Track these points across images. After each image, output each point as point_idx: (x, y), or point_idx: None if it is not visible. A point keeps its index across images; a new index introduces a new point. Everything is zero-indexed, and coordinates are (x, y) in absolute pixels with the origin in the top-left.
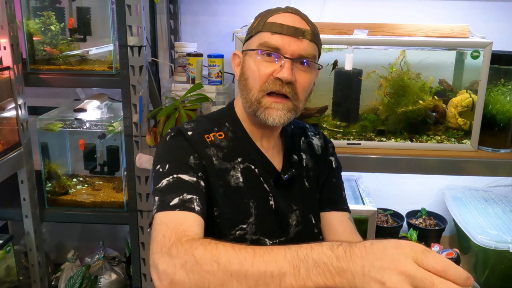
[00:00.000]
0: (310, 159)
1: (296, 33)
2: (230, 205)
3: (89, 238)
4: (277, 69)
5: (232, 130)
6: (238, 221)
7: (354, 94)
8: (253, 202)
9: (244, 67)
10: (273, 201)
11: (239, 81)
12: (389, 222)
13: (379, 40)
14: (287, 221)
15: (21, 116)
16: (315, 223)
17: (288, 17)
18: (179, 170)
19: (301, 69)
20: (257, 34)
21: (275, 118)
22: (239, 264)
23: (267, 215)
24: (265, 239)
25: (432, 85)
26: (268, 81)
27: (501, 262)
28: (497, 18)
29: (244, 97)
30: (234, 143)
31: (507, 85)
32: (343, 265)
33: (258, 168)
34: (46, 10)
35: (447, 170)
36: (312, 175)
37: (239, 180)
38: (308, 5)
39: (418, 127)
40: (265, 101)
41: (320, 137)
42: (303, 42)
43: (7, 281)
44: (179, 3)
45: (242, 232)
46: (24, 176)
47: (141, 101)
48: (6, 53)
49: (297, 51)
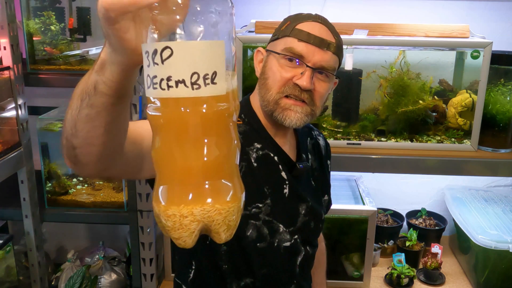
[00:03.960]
0: (314, 160)
1: (321, 44)
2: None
3: (89, 238)
4: (297, 75)
5: (247, 122)
6: (251, 201)
7: (354, 94)
8: (268, 188)
9: (266, 67)
10: (288, 189)
11: (259, 79)
12: (389, 222)
13: (379, 40)
14: (297, 210)
15: (21, 116)
16: (322, 219)
17: (316, 27)
18: None
19: (320, 78)
20: (284, 37)
21: (293, 119)
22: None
23: (280, 202)
24: (278, 223)
25: (432, 85)
26: (288, 85)
27: (501, 262)
28: (497, 18)
29: (262, 96)
30: (251, 131)
31: (507, 85)
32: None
33: (276, 156)
34: (46, 10)
35: (447, 170)
36: (317, 175)
37: (253, 166)
38: (308, 5)
39: (418, 127)
40: (284, 102)
41: (322, 138)
42: (327, 53)
43: (7, 281)
44: None
45: (257, 210)
46: (24, 176)
47: (141, 100)
48: (6, 53)
49: (320, 61)
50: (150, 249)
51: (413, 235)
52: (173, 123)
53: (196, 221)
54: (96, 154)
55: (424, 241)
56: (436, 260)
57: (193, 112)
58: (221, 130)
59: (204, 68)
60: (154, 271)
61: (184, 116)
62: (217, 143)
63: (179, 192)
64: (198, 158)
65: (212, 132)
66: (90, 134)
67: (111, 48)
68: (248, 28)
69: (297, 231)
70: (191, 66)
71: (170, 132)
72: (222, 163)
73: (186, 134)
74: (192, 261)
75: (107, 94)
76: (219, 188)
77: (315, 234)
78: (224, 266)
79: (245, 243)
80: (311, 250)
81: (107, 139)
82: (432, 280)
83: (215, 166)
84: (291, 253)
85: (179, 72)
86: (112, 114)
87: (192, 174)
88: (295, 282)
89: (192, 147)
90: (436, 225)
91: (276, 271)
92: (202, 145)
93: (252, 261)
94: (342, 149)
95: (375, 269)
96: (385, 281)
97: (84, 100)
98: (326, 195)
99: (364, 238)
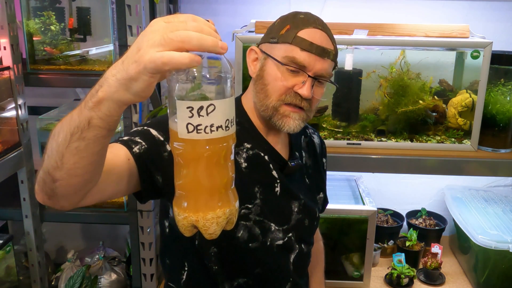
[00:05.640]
0: (309, 158)
1: (323, 54)
2: None
3: (89, 238)
4: (298, 84)
5: (238, 121)
6: (240, 202)
7: (354, 94)
8: (259, 188)
9: (265, 72)
10: (279, 187)
11: (257, 82)
12: (389, 222)
13: (379, 40)
14: (290, 208)
15: (21, 116)
16: (317, 217)
17: (317, 35)
18: (153, 126)
19: (317, 85)
20: (284, 43)
21: (291, 126)
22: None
23: (272, 201)
24: (270, 222)
25: (432, 85)
26: (288, 93)
27: (501, 262)
28: (497, 18)
29: (261, 100)
30: (241, 131)
31: (507, 85)
32: (97, 87)
33: (267, 156)
34: (46, 10)
35: (447, 170)
36: (311, 172)
37: (242, 166)
38: (308, 5)
39: (418, 127)
40: (283, 109)
41: (317, 136)
42: (326, 62)
43: (7, 281)
44: (179, 3)
45: (247, 211)
46: (24, 176)
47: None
48: (6, 53)
49: (320, 70)
50: (150, 249)
51: (413, 235)
52: (213, 154)
53: (225, 218)
54: (76, 185)
55: (424, 241)
56: (436, 260)
57: (226, 145)
58: (232, 155)
59: (230, 115)
60: (154, 271)
61: (220, 148)
62: (231, 162)
63: (215, 200)
64: (226, 174)
65: (231, 156)
66: (76, 165)
67: (121, 88)
68: (248, 28)
69: (291, 228)
70: (225, 115)
71: (210, 160)
72: (233, 177)
73: (219, 161)
74: (184, 262)
75: (101, 127)
76: (233, 196)
77: (310, 232)
78: (214, 267)
79: (236, 244)
80: (306, 248)
81: (90, 169)
82: (432, 280)
83: (232, 179)
84: (284, 251)
85: (219, 120)
86: (100, 145)
87: (228, 185)
88: (290, 280)
89: (223, 169)
90: (436, 225)
91: (270, 270)
92: (227, 166)
93: (245, 261)
94: (342, 149)
95: (375, 269)
96: (385, 281)
97: (75, 134)
98: (322, 192)
99: (364, 238)
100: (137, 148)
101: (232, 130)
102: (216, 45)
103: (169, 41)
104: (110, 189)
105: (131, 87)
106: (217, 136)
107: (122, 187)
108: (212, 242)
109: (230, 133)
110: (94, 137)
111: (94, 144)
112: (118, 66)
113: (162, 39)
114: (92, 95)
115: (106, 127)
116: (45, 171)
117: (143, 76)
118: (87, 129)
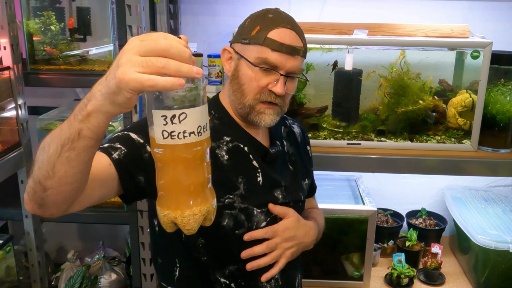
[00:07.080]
0: (290, 146)
1: (293, 52)
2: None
3: (89, 238)
4: (271, 82)
5: (217, 117)
6: (223, 194)
7: (354, 94)
8: (242, 178)
9: (240, 72)
10: (261, 176)
11: (232, 81)
12: (389, 222)
13: (379, 40)
14: (274, 195)
15: (21, 116)
16: (302, 200)
17: (287, 34)
18: (133, 130)
19: (289, 81)
20: (255, 45)
21: (267, 121)
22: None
23: (255, 190)
24: (253, 207)
25: (432, 85)
26: (263, 92)
27: (501, 262)
28: (497, 18)
29: (238, 99)
30: (221, 125)
31: (507, 85)
32: (85, 101)
33: (247, 146)
34: (46, 10)
35: (447, 170)
36: (294, 160)
37: (224, 158)
38: (308, 5)
39: (418, 127)
40: (259, 107)
41: (297, 125)
42: (297, 59)
43: (7, 281)
44: (179, 3)
45: (231, 201)
46: (24, 176)
47: (141, 100)
48: (6, 53)
49: (291, 68)
50: (150, 249)
51: (413, 235)
52: (188, 158)
53: (202, 215)
54: (66, 193)
55: (424, 241)
56: (436, 260)
57: (200, 148)
58: (208, 157)
59: (202, 122)
60: (154, 271)
61: (195, 152)
62: (207, 164)
63: (192, 199)
64: (202, 175)
65: (206, 158)
66: (67, 173)
67: (107, 102)
68: None
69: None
70: (197, 122)
71: (185, 163)
72: (209, 177)
73: (194, 163)
74: (175, 259)
75: (90, 137)
76: (210, 194)
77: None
78: (203, 258)
79: (223, 232)
80: None
81: (79, 177)
82: (432, 280)
83: (208, 179)
84: None
85: (191, 126)
86: (88, 154)
87: (204, 185)
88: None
89: (198, 170)
90: (436, 225)
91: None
92: (203, 167)
93: (233, 248)
94: (342, 149)
95: (375, 269)
96: (385, 281)
97: (66, 145)
98: (307, 179)
99: (364, 238)
100: (116, 154)
101: (206, 135)
102: (192, 71)
103: (150, 64)
104: (96, 194)
105: (115, 100)
106: (190, 141)
107: (107, 191)
108: (199, 233)
109: (203, 138)
110: (83, 147)
111: (84, 154)
112: (102, 81)
113: (144, 61)
114: (81, 108)
115: (94, 138)
116: (35, 181)
117: (124, 92)
118: (77, 140)
